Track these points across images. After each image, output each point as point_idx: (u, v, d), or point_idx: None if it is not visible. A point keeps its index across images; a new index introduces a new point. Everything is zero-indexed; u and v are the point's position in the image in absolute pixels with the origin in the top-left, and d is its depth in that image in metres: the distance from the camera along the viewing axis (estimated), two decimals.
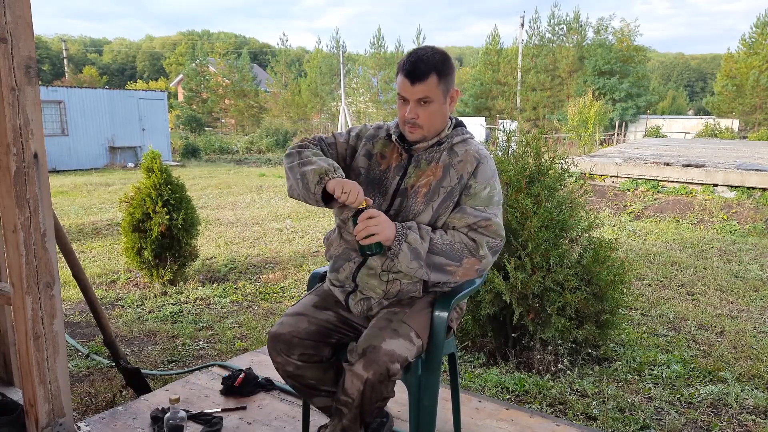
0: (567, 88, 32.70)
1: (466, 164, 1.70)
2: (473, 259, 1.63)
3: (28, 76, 1.73)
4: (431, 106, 1.67)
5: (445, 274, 1.64)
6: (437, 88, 1.65)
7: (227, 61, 34.60)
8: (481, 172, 1.70)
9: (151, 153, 4.66)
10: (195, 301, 4.38)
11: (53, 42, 60.48)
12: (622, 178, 9.15)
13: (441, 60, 1.66)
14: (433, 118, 1.70)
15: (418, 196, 1.70)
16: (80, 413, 2.55)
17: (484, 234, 1.64)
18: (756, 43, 31.56)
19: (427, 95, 1.65)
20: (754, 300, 4.57)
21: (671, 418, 2.62)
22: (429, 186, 1.70)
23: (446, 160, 1.72)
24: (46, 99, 14.61)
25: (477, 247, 1.63)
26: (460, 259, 1.62)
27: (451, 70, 1.68)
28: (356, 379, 1.57)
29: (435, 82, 1.64)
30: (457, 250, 1.62)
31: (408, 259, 1.61)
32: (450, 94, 1.70)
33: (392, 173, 1.76)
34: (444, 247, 1.62)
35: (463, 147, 1.75)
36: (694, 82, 71.18)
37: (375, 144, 1.82)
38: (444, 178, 1.70)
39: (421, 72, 1.63)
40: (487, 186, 1.69)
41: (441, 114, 1.71)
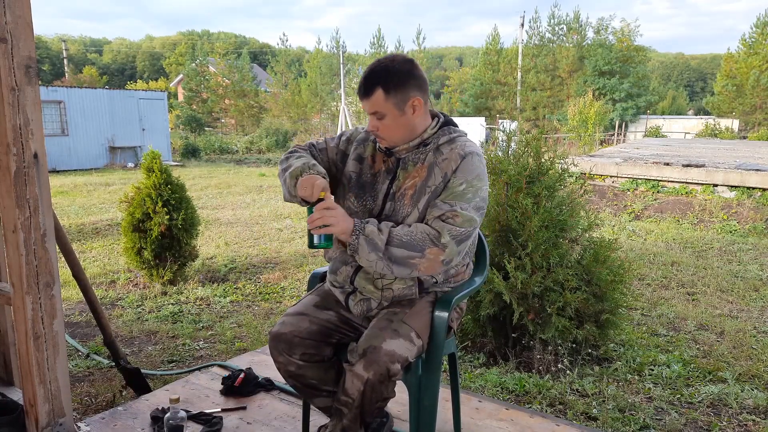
0: (567, 88, 32.70)
1: (450, 162, 1.67)
2: (435, 248, 1.59)
3: (28, 76, 1.73)
4: (386, 119, 1.64)
5: (408, 267, 1.61)
6: (385, 102, 1.61)
7: (227, 61, 34.60)
8: (462, 169, 1.66)
9: (151, 153, 4.66)
10: (195, 301, 4.38)
11: (53, 42, 60.48)
12: (622, 178, 9.15)
13: (387, 73, 1.61)
14: (392, 131, 1.67)
15: (405, 199, 1.69)
16: (80, 413, 2.55)
17: (447, 223, 1.61)
18: (756, 43, 31.55)
19: (376, 110, 1.63)
20: (754, 300, 4.57)
21: (671, 418, 2.62)
22: (415, 187, 1.68)
23: (431, 160, 1.70)
24: (46, 99, 14.61)
25: (438, 235, 1.59)
26: (422, 249, 1.59)
27: (404, 81, 1.62)
28: (356, 379, 1.57)
29: (381, 96, 1.61)
30: (418, 240, 1.59)
31: (366, 251, 1.59)
32: (410, 104, 1.64)
33: (382, 177, 1.75)
34: (404, 238, 1.59)
35: (449, 146, 1.71)
36: (694, 82, 71.18)
37: (366, 147, 1.81)
38: (429, 178, 1.68)
39: (366, 88, 1.62)
40: (464, 182, 1.64)
41: (401, 126, 1.66)
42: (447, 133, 1.73)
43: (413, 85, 1.64)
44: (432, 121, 1.74)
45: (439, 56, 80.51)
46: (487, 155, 3.38)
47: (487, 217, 3.17)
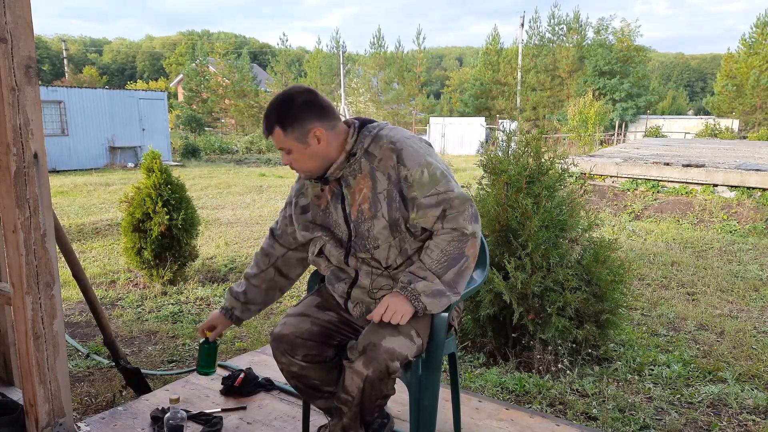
0: (567, 88, 32.70)
1: (387, 160, 1.63)
2: (469, 242, 1.61)
3: (28, 76, 1.73)
4: (293, 153, 1.65)
5: (466, 274, 1.64)
6: (286, 139, 1.62)
7: (227, 61, 34.60)
8: (407, 158, 1.62)
9: (151, 153, 4.65)
10: (195, 301, 4.38)
11: (53, 42, 60.48)
12: (622, 178, 9.15)
13: (282, 110, 1.62)
14: (303, 162, 1.66)
15: (364, 214, 1.66)
16: (80, 413, 2.55)
17: (454, 214, 1.60)
18: (756, 43, 31.54)
19: (281, 147, 1.65)
20: (754, 300, 4.57)
21: (671, 418, 2.62)
22: (367, 199, 1.65)
23: (368, 167, 1.65)
24: (46, 99, 14.60)
25: (460, 231, 1.60)
26: (462, 252, 1.61)
27: (298, 116, 1.61)
28: (356, 376, 1.57)
29: (280, 134, 1.62)
30: (453, 249, 1.60)
31: (436, 302, 1.61)
32: (311, 135, 1.62)
33: (332, 206, 1.73)
34: (444, 261, 1.60)
35: (377, 145, 1.66)
36: (694, 82, 71.17)
37: (306, 193, 1.81)
38: (375, 184, 1.64)
39: (265, 127, 1.65)
40: (421, 168, 1.61)
41: (310, 157, 1.65)
42: (368, 134, 1.68)
43: (311, 116, 1.62)
44: (349, 130, 1.70)
45: (439, 56, 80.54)
46: (487, 155, 3.38)
47: (486, 217, 3.17)
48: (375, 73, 33.17)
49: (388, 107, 32.85)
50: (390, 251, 1.67)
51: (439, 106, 39.03)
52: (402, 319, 1.60)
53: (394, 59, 32.88)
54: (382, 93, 32.81)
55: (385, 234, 1.65)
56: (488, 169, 3.34)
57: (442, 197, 1.60)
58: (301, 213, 1.81)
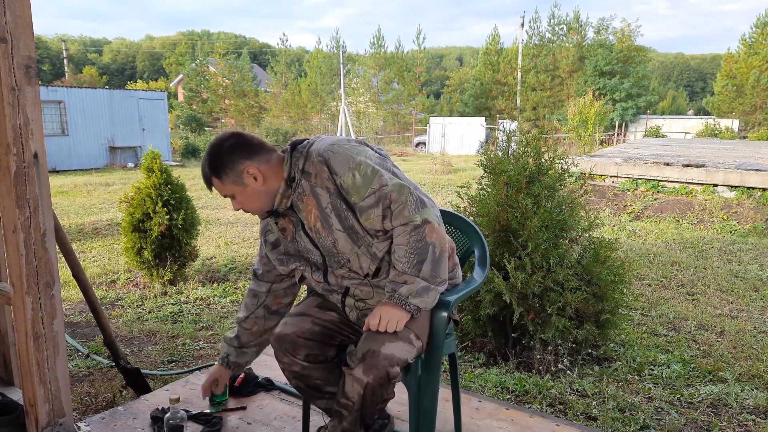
0: (567, 88, 32.69)
1: (321, 174, 1.62)
2: (425, 229, 1.56)
3: (28, 76, 1.73)
4: (237, 197, 1.68)
5: (442, 260, 1.61)
6: (223, 186, 1.66)
7: (227, 61, 34.61)
8: (336, 165, 1.60)
9: (151, 153, 4.65)
10: (195, 301, 4.38)
11: (53, 42, 60.47)
12: (622, 178, 9.15)
13: (210, 163, 1.65)
14: (249, 203, 1.69)
15: (321, 233, 1.67)
16: (80, 413, 2.55)
17: (398, 208, 1.56)
18: (756, 43, 31.52)
19: (225, 194, 1.69)
20: (754, 300, 4.57)
21: (671, 418, 2.62)
22: (317, 218, 1.66)
23: (308, 186, 1.65)
24: (46, 99, 14.61)
25: (412, 224, 1.56)
26: (425, 242, 1.57)
27: (227, 161, 1.63)
28: (356, 383, 1.57)
29: (218, 183, 1.67)
30: (415, 243, 1.57)
31: (426, 300, 1.61)
32: (245, 174, 1.64)
33: (297, 235, 1.75)
34: (412, 258, 1.58)
35: (309, 162, 1.64)
36: (694, 82, 71.16)
37: (272, 230, 1.83)
38: (319, 201, 1.64)
39: (205, 182, 1.70)
40: (351, 171, 1.58)
41: (252, 196, 1.67)
42: (299, 156, 1.66)
43: (239, 157, 1.64)
44: (284, 157, 1.69)
45: (439, 56, 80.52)
46: (487, 155, 3.38)
47: (486, 217, 3.17)
48: (375, 73, 33.17)
49: (388, 107, 32.85)
50: (361, 260, 1.67)
51: (439, 106, 39.03)
52: (398, 325, 1.60)
53: (394, 59, 32.88)
54: (382, 93, 32.80)
55: (348, 245, 1.65)
56: (488, 169, 3.34)
57: (378, 195, 1.57)
58: (273, 248, 1.83)
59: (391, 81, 32.72)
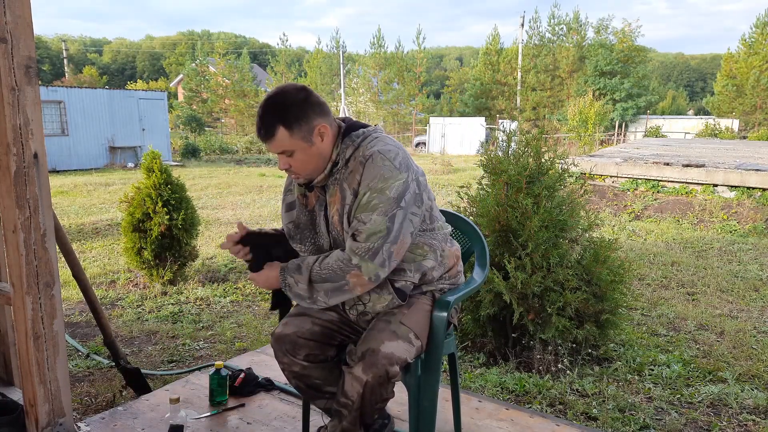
0: (567, 88, 32.70)
1: (355, 174, 1.58)
2: (354, 272, 1.55)
3: (28, 76, 1.73)
4: (296, 154, 1.57)
5: (343, 294, 1.60)
6: (291, 139, 1.54)
7: (227, 61, 34.61)
8: (366, 175, 1.56)
9: (151, 153, 4.65)
10: (195, 301, 4.38)
11: (53, 42, 60.48)
12: (622, 178, 9.15)
13: (285, 108, 1.53)
14: (305, 164, 1.60)
15: (336, 226, 1.64)
16: (80, 413, 2.55)
17: (355, 241, 1.54)
18: (756, 42, 31.52)
19: (284, 149, 1.56)
20: (754, 300, 4.57)
21: (671, 418, 2.62)
22: (338, 213, 1.62)
23: (341, 179, 1.62)
24: (46, 99, 14.60)
25: (348, 258, 1.55)
26: (343, 276, 1.56)
27: (303, 112, 1.54)
28: (356, 382, 1.57)
29: (285, 135, 1.54)
30: (335, 268, 1.57)
31: (299, 299, 1.65)
32: (316, 132, 1.57)
33: (317, 211, 1.70)
34: (323, 272, 1.58)
35: (354, 156, 1.61)
36: (694, 82, 71.16)
37: (293, 190, 1.77)
38: (344, 198, 1.61)
39: (266, 130, 1.54)
40: (366, 191, 1.55)
41: (313, 156, 1.59)
42: (350, 143, 1.62)
43: (314, 112, 1.56)
44: (336, 136, 1.64)
45: (439, 56, 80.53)
46: (487, 155, 3.38)
47: (486, 217, 3.17)
48: (375, 73, 33.17)
49: (388, 107, 32.84)
50: None
51: (439, 106, 39.03)
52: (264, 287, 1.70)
53: (394, 59, 32.87)
54: (382, 93, 32.80)
55: None
56: (488, 169, 3.34)
57: (356, 224, 1.56)
58: (287, 210, 1.78)
59: (391, 81, 32.72)
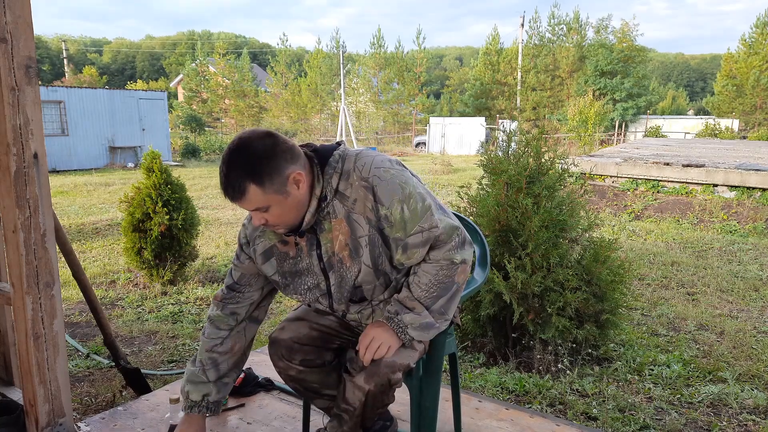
0: (567, 88, 32.69)
1: (364, 201, 1.45)
2: (458, 268, 1.53)
3: (28, 76, 1.73)
4: (272, 209, 1.41)
5: (456, 299, 1.57)
6: (264, 195, 1.37)
7: (227, 61, 34.61)
8: (383, 195, 1.44)
9: (151, 153, 4.66)
10: (195, 301, 4.38)
11: (53, 42, 60.48)
12: (622, 178, 9.15)
13: (250, 163, 1.35)
14: (283, 216, 1.44)
15: (345, 262, 1.52)
16: (80, 413, 2.55)
17: (442, 243, 1.50)
18: (756, 42, 31.50)
19: (259, 206, 1.40)
20: (754, 300, 4.57)
21: (671, 418, 2.62)
22: (347, 247, 1.50)
23: (342, 211, 1.48)
24: (46, 99, 14.61)
25: (450, 259, 1.51)
26: (452, 280, 1.53)
27: (272, 164, 1.36)
28: (358, 390, 1.56)
29: (257, 192, 1.36)
30: (443, 278, 1.52)
31: (425, 334, 1.54)
32: (291, 181, 1.40)
33: (305, 252, 1.56)
34: (432, 289, 1.51)
35: (347, 183, 1.47)
36: (694, 82, 71.17)
37: (265, 236, 1.60)
38: (354, 230, 1.49)
39: (234, 191, 1.36)
40: (401, 204, 1.44)
41: (291, 207, 1.43)
42: (333, 172, 1.47)
43: (286, 161, 1.39)
44: (313, 169, 1.48)
45: (439, 56, 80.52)
46: (487, 155, 3.38)
47: (486, 217, 3.17)
48: (375, 73, 33.18)
49: (388, 107, 32.85)
50: (375, 290, 1.59)
51: (439, 106, 39.03)
52: (389, 351, 1.51)
53: (394, 59, 32.87)
54: (382, 93, 32.81)
55: (370, 278, 1.54)
56: (488, 169, 3.34)
57: (427, 235, 1.47)
58: (264, 261, 1.61)
59: (391, 81, 32.72)
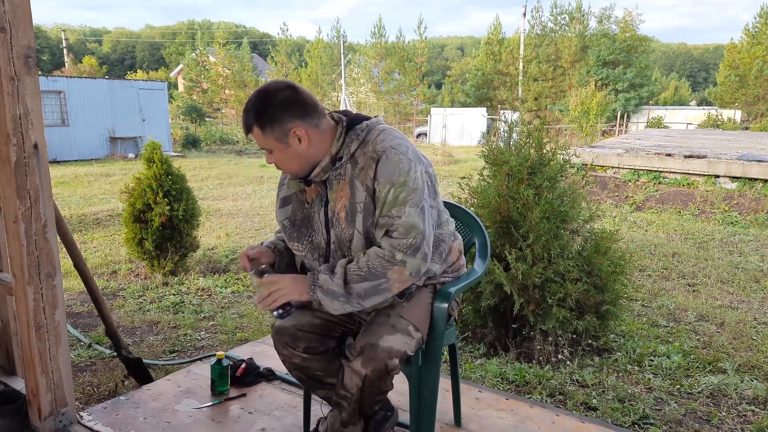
0: (569, 79, 32.53)
1: (367, 170, 1.56)
2: (395, 267, 1.53)
3: (28, 65, 1.72)
4: (275, 153, 1.58)
5: (380, 295, 1.56)
6: (264, 138, 1.55)
7: (227, 51, 34.46)
8: (381, 171, 1.53)
9: (152, 143, 4.65)
10: (196, 292, 4.39)
11: (52, 31, 60.22)
12: (623, 169, 9.13)
13: (260, 109, 1.53)
14: (285, 163, 1.60)
15: (341, 223, 1.60)
16: (82, 403, 2.57)
17: (393, 238, 1.52)
18: (759, 33, 31.30)
19: (263, 146, 1.58)
20: (755, 291, 4.58)
21: (671, 408, 2.63)
22: (345, 208, 1.59)
23: (349, 173, 1.59)
24: (46, 89, 14.55)
25: (391, 255, 1.52)
26: (384, 273, 1.53)
27: (276, 115, 1.52)
28: (355, 375, 1.57)
29: (259, 134, 1.55)
30: (375, 266, 1.53)
31: (329, 303, 1.55)
32: (291, 135, 1.54)
33: (316, 207, 1.67)
34: (362, 271, 1.53)
35: (362, 151, 1.58)
36: (697, 72, 70.80)
37: (289, 185, 1.74)
38: (354, 194, 1.57)
39: (244, 126, 1.57)
40: (389, 186, 1.52)
41: (292, 158, 1.58)
42: (355, 137, 1.59)
43: (291, 115, 1.53)
44: (337, 130, 1.61)
45: (440, 46, 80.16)
46: (488, 146, 3.37)
47: (487, 208, 3.16)
48: (376, 63, 33.00)
49: (389, 97, 32.71)
50: None
51: (440, 96, 38.87)
52: (278, 300, 1.56)
53: (395, 49, 32.68)
54: (383, 83, 32.66)
55: (360, 246, 1.59)
56: (489, 160, 3.33)
57: (389, 221, 1.53)
58: (282, 206, 1.75)
59: (392, 71, 32.56)
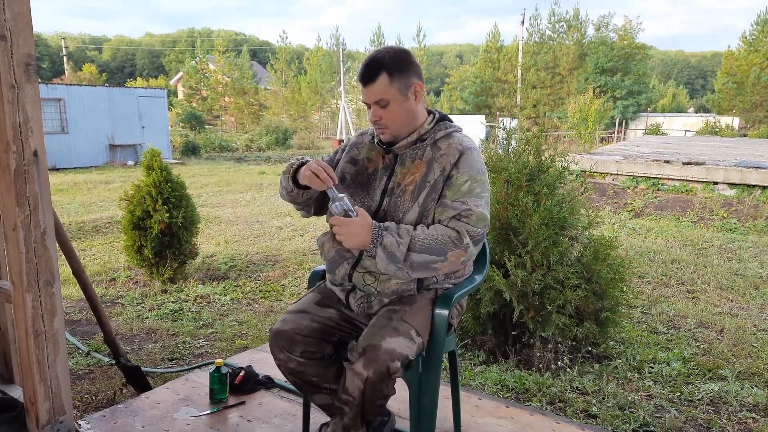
0: (567, 86, 32.66)
1: (449, 156, 1.70)
2: (458, 250, 1.62)
3: (28, 73, 1.73)
4: (390, 106, 1.67)
5: (429, 271, 1.64)
6: (390, 87, 1.65)
7: (227, 59, 34.57)
8: (464, 163, 1.69)
9: (151, 151, 4.65)
10: (195, 299, 4.38)
11: (53, 39, 60.41)
12: (622, 176, 9.15)
13: (391, 58, 1.65)
14: (396, 118, 1.70)
15: (405, 195, 1.70)
16: (81, 411, 2.55)
17: (465, 223, 1.63)
18: (756, 40, 31.47)
19: (382, 97, 1.66)
20: (754, 298, 4.57)
21: (671, 415, 2.62)
22: (415, 183, 1.70)
23: (429, 155, 1.72)
24: (46, 97, 14.59)
25: (460, 237, 1.62)
26: (444, 252, 1.61)
27: (405, 66, 1.67)
28: (357, 377, 1.57)
29: (386, 81, 1.65)
30: (441, 242, 1.61)
31: (385, 262, 1.61)
32: (412, 89, 1.69)
33: (379, 174, 1.77)
34: (426, 242, 1.60)
35: (447, 141, 1.74)
36: (695, 79, 71.09)
37: (360, 150, 1.85)
38: (428, 173, 1.70)
39: (369, 74, 1.65)
40: (468, 178, 1.67)
41: (405, 111, 1.70)
42: (443, 129, 1.76)
43: (413, 71, 1.69)
44: (428, 116, 1.78)
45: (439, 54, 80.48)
46: (487, 153, 3.38)
47: None
48: None
49: None
50: None
51: (439, 103, 38.98)
52: (346, 240, 1.61)
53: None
54: None
55: (412, 219, 1.68)
56: (488, 167, 3.34)
57: (464, 208, 1.64)
58: (349, 161, 1.83)
59: None
